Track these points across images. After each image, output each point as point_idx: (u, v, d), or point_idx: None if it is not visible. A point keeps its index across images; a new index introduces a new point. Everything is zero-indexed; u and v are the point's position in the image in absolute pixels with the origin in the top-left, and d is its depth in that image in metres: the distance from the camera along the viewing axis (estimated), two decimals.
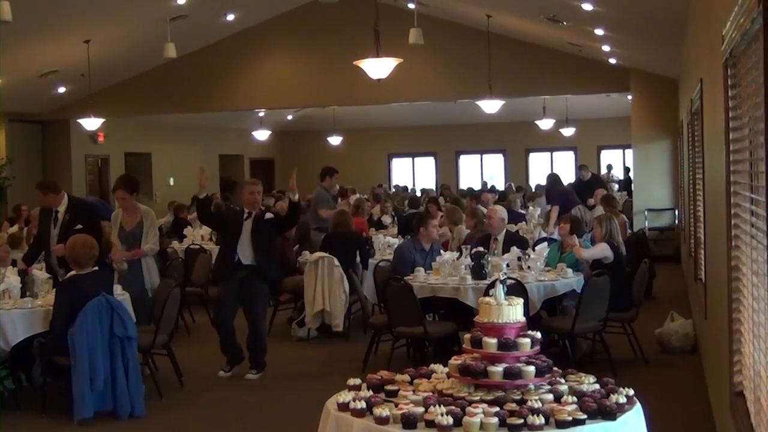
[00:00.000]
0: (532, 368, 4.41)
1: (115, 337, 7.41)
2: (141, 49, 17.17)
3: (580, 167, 19.53)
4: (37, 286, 8.24)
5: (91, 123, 17.54)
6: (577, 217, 11.00)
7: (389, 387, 4.57)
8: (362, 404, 4.28)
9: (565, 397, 4.30)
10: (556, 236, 11.46)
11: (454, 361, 4.59)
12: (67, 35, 15.18)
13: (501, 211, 10.29)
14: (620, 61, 16.93)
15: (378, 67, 11.62)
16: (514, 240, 10.01)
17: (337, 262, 10.54)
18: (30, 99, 18.65)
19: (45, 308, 7.80)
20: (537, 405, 4.13)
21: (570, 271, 9.10)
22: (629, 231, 14.55)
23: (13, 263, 9.20)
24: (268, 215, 9.10)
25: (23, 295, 8.12)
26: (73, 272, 7.81)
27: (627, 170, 25.76)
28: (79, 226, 8.94)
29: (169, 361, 8.57)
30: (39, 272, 8.52)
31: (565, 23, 14.10)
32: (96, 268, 7.90)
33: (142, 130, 22.70)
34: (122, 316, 7.48)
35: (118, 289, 8.24)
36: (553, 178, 16.17)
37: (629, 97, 18.36)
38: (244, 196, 9.14)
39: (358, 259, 10.99)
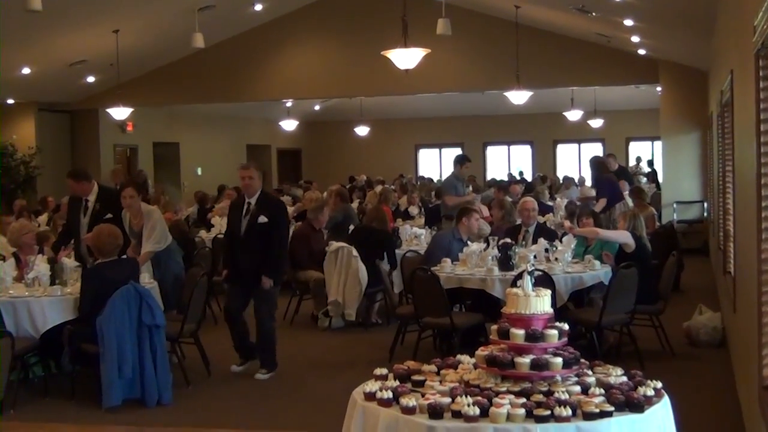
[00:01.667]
0: (559, 360, 4.39)
1: (143, 325, 7.46)
2: (169, 39, 17.27)
3: (607, 155, 19.34)
4: (66, 274, 8.30)
5: (119, 112, 17.65)
6: (598, 214, 10.97)
7: (416, 377, 4.57)
8: (389, 394, 4.28)
9: (592, 389, 4.28)
10: None
11: (481, 351, 4.58)
12: (96, 25, 15.27)
13: (534, 202, 10.38)
14: (649, 52, 16.79)
15: (405, 58, 11.60)
16: (543, 231, 9.98)
17: (355, 253, 10.53)
18: (59, 88, 18.80)
19: (74, 296, 7.86)
20: (564, 396, 4.12)
21: (597, 263, 9.06)
22: (657, 223, 14.44)
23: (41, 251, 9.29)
24: (262, 219, 8.38)
25: (52, 282, 8.19)
26: (98, 261, 7.87)
27: (650, 163, 25.55)
28: (109, 216, 9.01)
29: (196, 350, 8.61)
30: (68, 260, 8.57)
31: (594, 14, 14.01)
32: (124, 256, 7.95)
33: (170, 119, 22.84)
34: (150, 305, 7.52)
35: (146, 277, 8.29)
36: (600, 163, 15.08)
37: (658, 89, 18.23)
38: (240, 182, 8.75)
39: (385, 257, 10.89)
